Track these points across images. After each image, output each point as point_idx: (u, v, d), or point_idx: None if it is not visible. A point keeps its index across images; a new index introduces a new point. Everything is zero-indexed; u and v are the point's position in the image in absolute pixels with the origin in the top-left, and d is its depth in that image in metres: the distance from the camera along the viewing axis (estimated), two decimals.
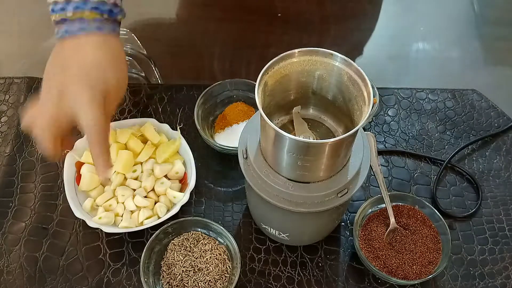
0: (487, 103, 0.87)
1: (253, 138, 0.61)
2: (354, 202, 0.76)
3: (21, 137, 0.81)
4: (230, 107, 0.82)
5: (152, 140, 0.75)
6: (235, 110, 0.81)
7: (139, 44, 0.93)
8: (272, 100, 0.59)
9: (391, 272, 0.67)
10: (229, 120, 0.80)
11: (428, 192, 0.78)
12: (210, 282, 0.67)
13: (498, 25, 1.03)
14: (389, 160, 0.81)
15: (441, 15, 1.04)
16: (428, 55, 0.97)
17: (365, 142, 0.61)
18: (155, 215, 0.71)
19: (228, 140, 0.78)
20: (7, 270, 0.69)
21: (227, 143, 0.77)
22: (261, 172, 0.59)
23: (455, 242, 0.73)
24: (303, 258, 0.71)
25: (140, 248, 0.69)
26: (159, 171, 0.73)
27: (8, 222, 0.73)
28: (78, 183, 0.73)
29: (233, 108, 0.81)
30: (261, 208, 0.66)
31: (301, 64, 0.57)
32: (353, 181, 0.60)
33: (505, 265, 0.71)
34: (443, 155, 0.81)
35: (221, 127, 0.80)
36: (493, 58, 0.98)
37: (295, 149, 0.53)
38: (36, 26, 0.98)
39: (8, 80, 0.87)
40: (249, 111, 0.81)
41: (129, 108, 0.85)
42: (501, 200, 0.77)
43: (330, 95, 0.60)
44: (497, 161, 0.81)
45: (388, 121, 0.85)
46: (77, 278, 0.69)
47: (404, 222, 0.71)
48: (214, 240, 0.70)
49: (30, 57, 0.92)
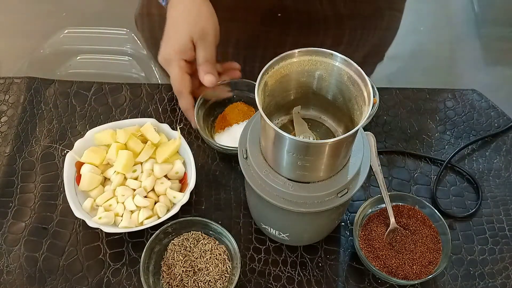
0: (487, 103, 0.87)
1: (253, 138, 0.61)
2: (354, 202, 0.76)
3: (21, 137, 0.81)
4: (230, 107, 0.81)
5: (152, 140, 0.75)
6: (235, 110, 0.81)
7: (139, 44, 0.93)
8: (272, 100, 0.59)
9: (391, 272, 0.67)
10: (229, 120, 0.80)
11: (428, 192, 0.78)
12: (210, 282, 0.67)
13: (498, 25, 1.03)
14: (389, 160, 0.81)
15: (441, 15, 1.05)
16: (428, 55, 0.98)
17: (365, 142, 0.61)
18: (155, 215, 0.71)
19: (228, 140, 0.78)
20: (7, 270, 0.69)
21: (227, 143, 0.77)
22: (261, 172, 0.59)
23: (455, 242, 0.73)
24: (303, 258, 0.71)
25: (140, 248, 0.69)
26: (159, 171, 0.73)
27: (8, 222, 0.73)
28: (78, 183, 0.73)
29: (233, 108, 0.81)
30: (261, 208, 0.66)
31: (301, 64, 0.57)
32: (353, 181, 0.60)
33: (505, 265, 0.71)
34: (443, 155, 0.81)
35: (221, 127, 0.80)
36: (493, 58, 0.98)
37: (295, 149, 0.53)
38: (36, 26, 0.98)
39: (8, 80, 0.87)
40: (249, 111, 0.81)
41: (129, 108, 0.85)
42: (501, 200, 0.77)
43: (330, 95, 0.60)
44: (497, 161, 0.81)
45: (388, 121, 0.85)
46: (77, 278, 0.69)
47: (404, 222, 0.71)
48: (214, 240, 0.70)
49: (30, 57, 0.92)
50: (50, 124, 0.83)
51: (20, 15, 1.00)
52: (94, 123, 0.83)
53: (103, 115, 0.84)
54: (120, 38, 0.93)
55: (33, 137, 0.81)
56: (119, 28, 0.94)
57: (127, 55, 0.92)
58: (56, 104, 0.85)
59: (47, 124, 0.83)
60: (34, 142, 0.81)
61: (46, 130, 0.82)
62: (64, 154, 0.79)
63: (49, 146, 0.80)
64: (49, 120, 0.83)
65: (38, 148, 0.80)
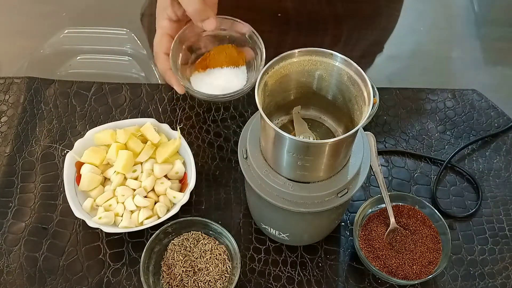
0: (487, 103, 0.87)
1: (253, 138, 0.61)
2: (354, 202, 0.76)
3: (21, 137, 0.81)
4: (219, 47, 0.73)
5: (152, 140, 0.75)
6: (223, 52, 0.72)
7: (139, 44, 0.93)
8: (272, 100, 0.59)
9: (391, 272, 0.67)
10: (212, 61, 0.71)
11: (428, 192, 0.78)
12: (210, 282, 0.67)
13: (498, 25, 1.03)
14: (389, 160, 0.81)
15: (441, 15, 1.04)
16: (428, 55, 0.97)
17: (365, 142, 0.61)
18: (155, 215, 0.71)
19: (205, 86, 0.70)
20: (7, 270, 0.69)
21: (203, 87, 0.70)
22: (261, 172, 0.59)
23: (455, 242, 0.73)
24: (303, 258, 0.71)
25: (140, 248, 0.69)
26: (159, 171, 0.73)
27: (8, 222, 0.73)
28: (78, 183, 0.73)
29: (222, 49, 0.72)
30: (261, 208, 0.66)
31: (301, 64, 0.57)
32: (353, 181, 0.60)
33: (505, 265, 0.71)
34: (443, 155, 0.81)
35: (202, 67, 0.72)
36: (493, 58, 0.98)
37: (295, 149, 0.53)
38: (36, 26, 0.98)
39: (8, 80, 0.87)
40: (238, 58, 0.72)
41: (129, 108, 0.85)
42: (501, 200, 0.77)
43: (330, 95, 0.60)
44: (497, 161, 0.81)
45: (388, 121, 0.85)
46: (77, 278, 0.69)
47: (404, 222, 0.71)
48: (214, 240, 0.70)
49: (30, 57, 0.92)
50: (50, 124, 0.83)
51: (20, 15, 0.99)
52: (94, 123, 0.83)
53: (103, 115, 0.84)
54: (120, 38, 0.93)
55: (33, 137, 0.81)
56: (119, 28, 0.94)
57: (127, 55, 0.91)
58: (56, 104, 0.85)
59: (47, 124, 0.83)
60: (34, 142, 0.81)
61: (46, 130, 0.82)
62: (64, 154, 0.79)
63: (49, 146, 0.80)
64: (49, 120, 0.83)
65: (38, 148, 0.80)
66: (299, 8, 0.93)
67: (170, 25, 0.72)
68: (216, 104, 0.85)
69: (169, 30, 0.72)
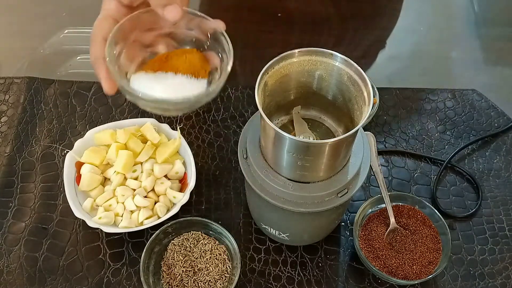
0: (487, 103, 0.87)
1: (253, 138, 0.61)
2: (354, 202, 0.76)
3: (21, 137, 0.81)
4: (179, 50, 0.58)
5: (152, 140, 0.75)
6: (183, 56, 0.57)
7: None
8: (272, 100, 0.59)
9: (391, 272, 0.67)
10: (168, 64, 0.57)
11: (428, 192, 0.78)
12: (210, 282, 0.67)
13: (498, 25, 1.03)
14: (389, 160, 0.81)
15: (441, 15, 1.04)
16: (428, 55, 0.97)
17: (365, 142, 0.61)
18: (155, 215, 0.71)
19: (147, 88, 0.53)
20: (7, 270, 0.69)
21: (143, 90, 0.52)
22: (261, 172, 0.59)
23: (455, 242, 0.73)
24: (303, 258, 0.71)
25: (140, 248, 0.69)
26: (159, 171, 0.73)
27: (8, 222, 0.73)
28: (78, 183, 0.73)
29: (182, 52, 0.58)
30: (261, 208, 0.66)
31: (301, 64, 0.57)
32: (353, 181, 0.60)
33: (505, 265, 0.71)
34: (443, 155, 0.81)
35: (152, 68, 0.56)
36: (493, 58, 0.98)
37: (295, 149, 0.53)
38: (36, 26, 0.98)
39: (8, 80, 0.87)
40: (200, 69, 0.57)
41: (129, 108, 0.85)
42: (501, 200, 0.77)
43: (330, 95, 0.60)
44: (497, 161, 0.81)
45: (388, 121, 0.85)
46: (77, 278, 0.69)
47: (404, 222, 0.71)
48: (214, 240, 0.70)
49: (30, 57, 0.92)
50: (50, 124, 0.83)
51: (20, 15, 0.99)
52: (94, 123, 0.83)
53: (103, 115, 0.84)
54: None
55: (33, 137, 0.81)
56: None
57: None
58: (56, 104, 0.85)
59: (47, 124, 0.83)
60: (34, 142, 0.81)
61: (46, 130, 0.82)
62: (64, 154, 0.79)
63: (49, 146, 0.80)
64: (49, 120, 0.83)
65: (38, 148, 0.80)
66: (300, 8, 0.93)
67: (118, 8, 0.56)
68: (216, 104, 0.85)
69: (116, 14, 0.56)
